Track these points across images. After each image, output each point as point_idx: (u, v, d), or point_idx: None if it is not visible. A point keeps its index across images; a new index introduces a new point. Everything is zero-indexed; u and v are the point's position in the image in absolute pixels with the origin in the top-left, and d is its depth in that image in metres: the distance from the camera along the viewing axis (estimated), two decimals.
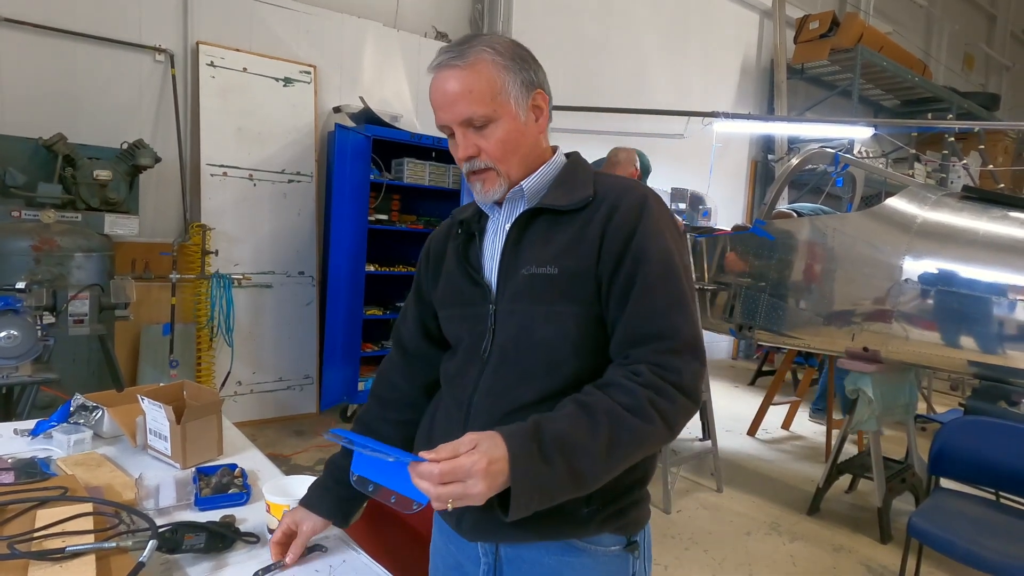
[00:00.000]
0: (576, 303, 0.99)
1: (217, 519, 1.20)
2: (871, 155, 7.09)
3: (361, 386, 4.35)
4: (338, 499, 1.17)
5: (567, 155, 1.13)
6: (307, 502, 1.16)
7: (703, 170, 6.48)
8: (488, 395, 1.02)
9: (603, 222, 0.99)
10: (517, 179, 1.05)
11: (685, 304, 0.97)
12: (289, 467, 3.50)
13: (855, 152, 6.63)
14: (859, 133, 6.27)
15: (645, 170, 3.99)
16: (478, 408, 1.03)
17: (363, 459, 0.92)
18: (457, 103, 0.99)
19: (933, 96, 8.12)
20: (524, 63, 1.04)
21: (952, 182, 7.15)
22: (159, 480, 1.28)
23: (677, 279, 0.97)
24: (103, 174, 3.20)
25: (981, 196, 3.18)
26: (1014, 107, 10.48)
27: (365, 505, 1.24)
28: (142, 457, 1.52)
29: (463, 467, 0.78)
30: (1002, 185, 7.08)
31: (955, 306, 2.85)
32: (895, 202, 3.20)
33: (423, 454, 0.80)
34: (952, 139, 7.33)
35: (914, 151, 6.97)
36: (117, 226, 3.22)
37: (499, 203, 1.10)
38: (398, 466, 0.84)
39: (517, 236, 1.04)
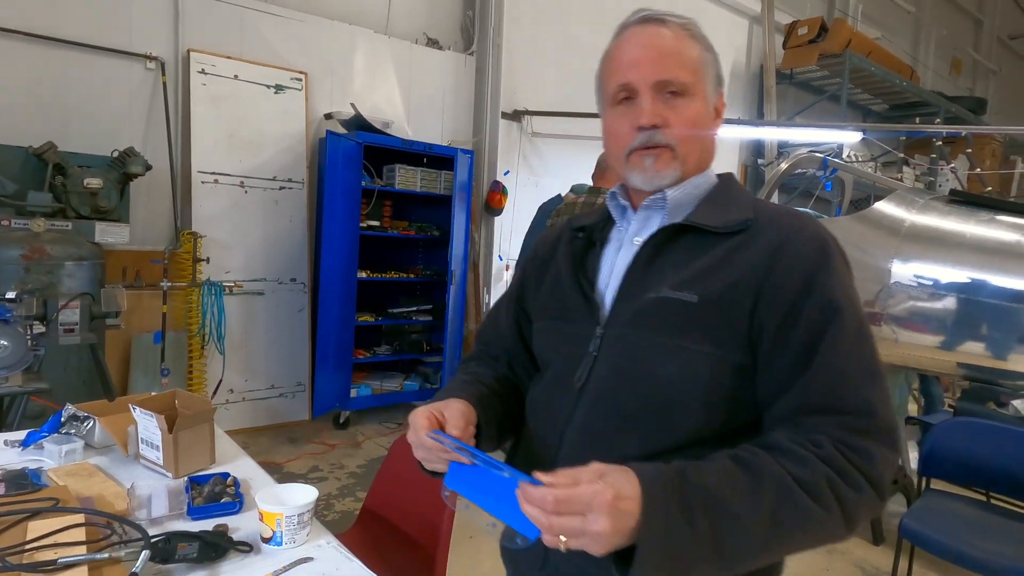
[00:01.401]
0: (713, 342, 0.81)
1: (210, 528, 1.20)
2: (860, 159, 7.15)
3: (353, 392, 4.34)
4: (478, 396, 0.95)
5: (719, 175, 0.96)
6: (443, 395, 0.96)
7: None
8: (583, 433, 0.86)
9: (769, 252, 0.82)
10: (688, 172, 0.90)
11: (882, 379, 0.79)
12: (282, 475, 3.48)
13: (844, 156, 6.67)
14: (848, 137, 6.31)
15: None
16: (570, 445, 0.87)
17: (460, 472, 0.79)
18: (661, 60, 0.86)
19: (921, 100, 8.20)
20: (717, 60, 0.93)
21: (940, 185, 7.21)
22: (151, 490, 1.28)
23: (872, 347, 0.80)
24: (94, 182, 3.18)
25: (968, 200, 3.22)
26: (1001, 111, 10.59)
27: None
28: (134, 467, 1.52)
29: (582, 497, 0.63)
30: (989, 188, 7.14)
31: (944, 309, 2.88)
32: (883, 206, 3.23)
33: (538, 475, 0.66)
34: (940, 143, 7.40)
35: (902, 155, 7.03)
36: (108, 234, 3.21)
37: (634, 208, 0.96)
38: (505, 488, 0.70)
39: (651, 254, 0.88)
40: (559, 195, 4.16)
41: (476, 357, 1.13)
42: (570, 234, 1.03)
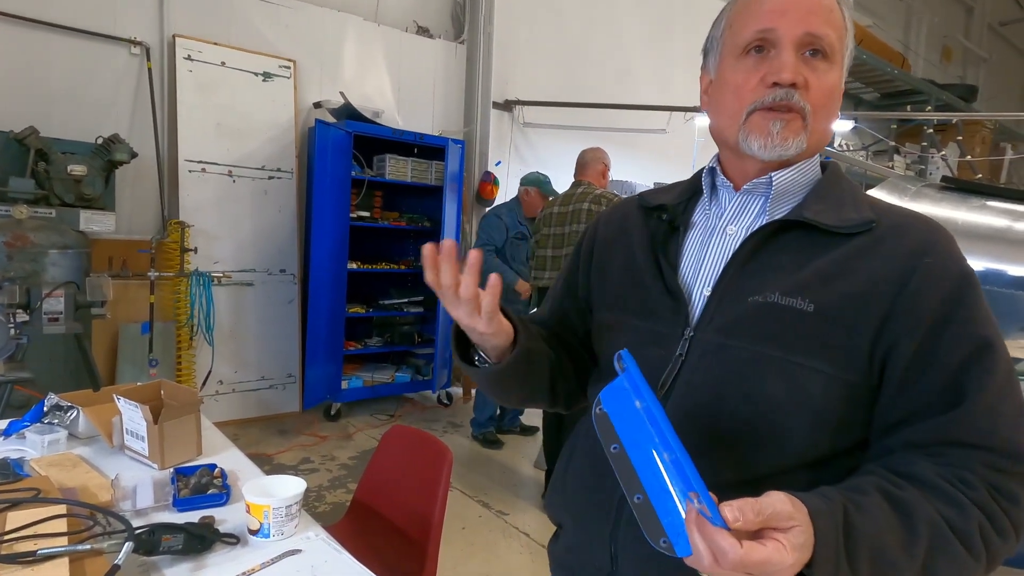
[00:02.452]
0: (828, 359, 0.72)
1: (196, 520, 1.18)
2: (852, 148, 7.16)
3: (344, 384, 4.32)
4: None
5: (822, 163, 0.87)
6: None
7: (685, 164, 6.49)
8: None
9: (902, 264, 0.72)
10: (810, 150, 0.80)
11: None
12: (272, 466, 3.46)
13: (836, 145, 6.68)
14: (840, 126, 6.32)
15: (540, 183, 3.99)
16: None
17: (625, 406, 0.66)
18: (812, 13, 0.76)
19: (912, 88, 8.21)
20: (853, 39, 0.83)
21: (931, 173, 7.23)
22: (136, 481, 1.25)
23: (1019, 384, 0.73)
24: (78, 169, 3.13)
25: (960, 186, 3.21)
26: (991, 98, 10.62)
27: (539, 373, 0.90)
28: (119, 458, 1.49)
29: (767, 564, 0.56)
30: (980, 175, 7.18)
31: None
32: (876, 193, 3.22)
33: (724, 508, 0.57)
34: (931, 131, 7.42)
35: (894, 143, 7.05)
36: (93, 222, 3.16)
37: (735, 187, 0.84)
38: (675, 490, 0.61)
39: (753, 249, 0.78)
40: (515, 198, 4.14)
41: None
42: (643, 212, 0.91)
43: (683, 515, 0.60)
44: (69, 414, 1.56)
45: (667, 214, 0.88)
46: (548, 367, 0.92)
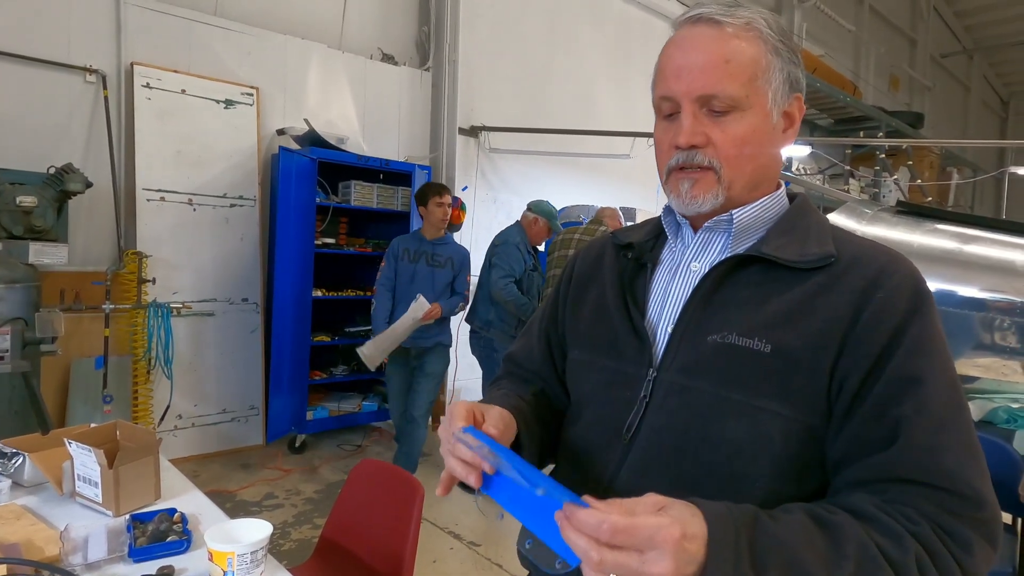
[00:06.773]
0: (787, 401, 0.70)
1: (153, 571, 1.12)
2: (809, 172, 7.37)
3: (309, 415, 4.21)
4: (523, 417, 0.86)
5: (790, 195, 0.86)
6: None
7: (650, 189, 6.60)
8: (632, 493, 0.74)
9: (857, 297, 0.71)
10: (737, 197, 0.79)
11: (981, 458, 0.67)
12: (235, 503, 3.34)
13: (793, 169, 6.88)
14: (797, 151, 6.51)
15: (551, 216, 4.03)
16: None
17: (496, 478, 0.70)
18: (704, 72, 0.75)
19: (864, 115, 8.53)
20: (793, 56, 0.80)
21: (884, 196, 7.49)
22: (88, 531, 1.19)
23: (968, 418, 0.69)
24: (27, 200, 3.02)
25: (913, 210, 3.32)
26: (936, 124, 11.10)
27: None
28: (70, 506, 1.42)
29: (643, 530, 0.54)
30: (929, 198, 7.46)
31: None
32: (835, 217, 3.30)
33: (589, 499, 0.57)
34: (883, 156, 7.69)
35: (848, 167, 7.28)
36: (43, 255, 3.04)
37: (693, 227, 0.85)
38: (544, 506, 0.61)
39: (713, 286, 0.78)
40: (516, 223, 4.15)
41: (506, 376, 1.01)
42: (615, 251, 0.92)
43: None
44: (14, 461, 1.48)
45: (634, 252, 0.89)
46: (537, 450, 0.90)
